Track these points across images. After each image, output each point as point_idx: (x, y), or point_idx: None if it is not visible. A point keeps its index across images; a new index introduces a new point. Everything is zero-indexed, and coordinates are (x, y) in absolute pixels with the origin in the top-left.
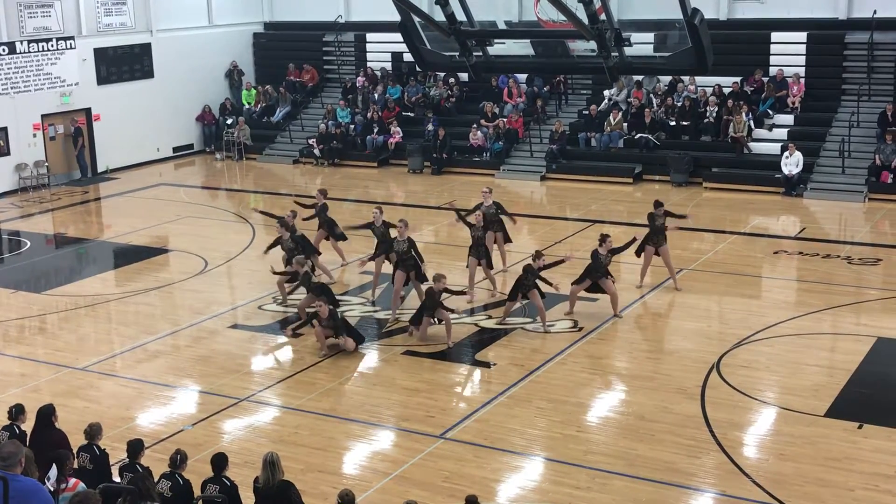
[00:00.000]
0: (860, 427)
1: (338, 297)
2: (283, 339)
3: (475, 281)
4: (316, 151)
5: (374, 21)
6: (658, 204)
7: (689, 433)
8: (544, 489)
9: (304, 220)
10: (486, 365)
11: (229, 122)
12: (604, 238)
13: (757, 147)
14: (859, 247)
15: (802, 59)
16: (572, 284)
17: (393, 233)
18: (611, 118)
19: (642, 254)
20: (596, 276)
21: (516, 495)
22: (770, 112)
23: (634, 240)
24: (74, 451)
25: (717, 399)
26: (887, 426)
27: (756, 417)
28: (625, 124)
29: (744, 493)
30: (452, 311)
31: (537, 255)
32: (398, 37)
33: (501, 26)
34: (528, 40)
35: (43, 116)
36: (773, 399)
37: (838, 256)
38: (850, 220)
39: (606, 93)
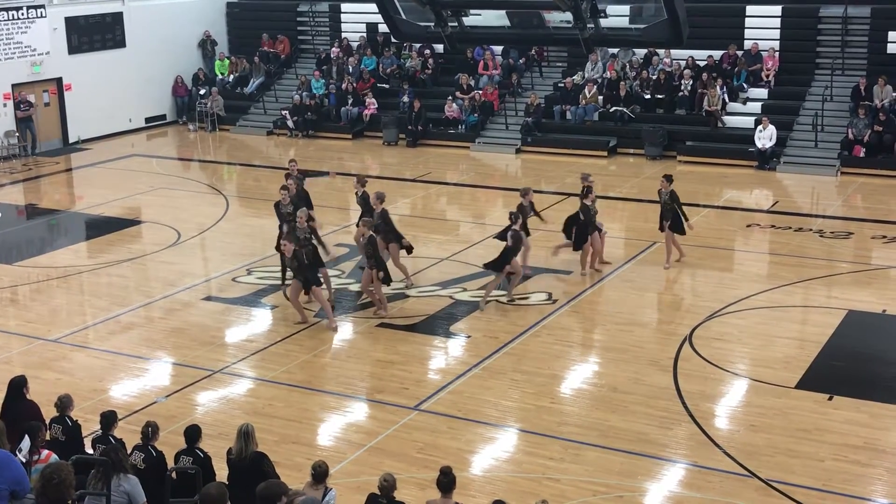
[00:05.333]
0: (830, 399)
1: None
2: (255, 310)
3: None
4: (290, 123)
5: None
6: (668, 179)
7: (662, 405)
8: (518, 460)
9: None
10: (460, 337)
11: (202, 92)
12: (588, 189)
13: (731, 121)
14: (831, 220)
15: (777, 33)
16: (573, 250)
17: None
18: (586, 91)
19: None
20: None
21: (490, 466)
22: (744, 86)
23: None
24: (46, 422)
25: (690, 371)
26: (857, 398)
27: (728, 389)
28: (600, 97)
29: (715, 463)
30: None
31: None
32: (373, 7)
33: None
34: (504, 11)
35: (13, 86)
36: (745, 371)
37: (810, 230)
38: (822, 194)
39: (581, 72)
